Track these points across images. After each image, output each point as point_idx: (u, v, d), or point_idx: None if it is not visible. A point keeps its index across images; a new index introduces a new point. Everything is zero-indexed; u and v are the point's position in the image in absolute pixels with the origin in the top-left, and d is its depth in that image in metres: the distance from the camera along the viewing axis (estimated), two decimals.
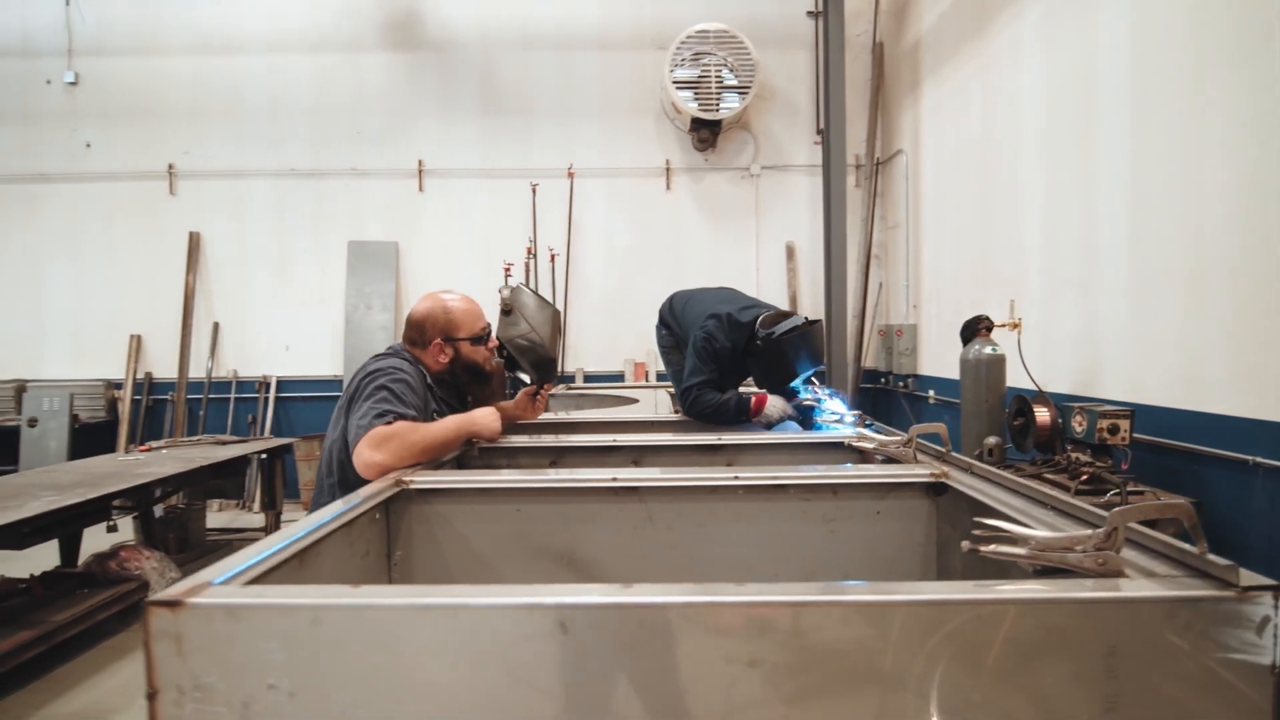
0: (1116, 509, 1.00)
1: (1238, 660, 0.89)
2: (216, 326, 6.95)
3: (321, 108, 6.92)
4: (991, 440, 3.83)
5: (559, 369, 2.51)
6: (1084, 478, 3.18)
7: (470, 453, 2.33)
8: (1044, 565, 1.04)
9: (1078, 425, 3.42)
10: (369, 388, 1.98)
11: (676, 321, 3.05)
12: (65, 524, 3.98)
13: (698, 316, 2.84)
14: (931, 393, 5.83)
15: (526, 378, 2.48)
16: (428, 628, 0.95)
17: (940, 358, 5.64)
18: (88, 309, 6.89)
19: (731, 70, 6.51)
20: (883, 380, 6.69)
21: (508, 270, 6.69)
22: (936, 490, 1.69)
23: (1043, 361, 4.29)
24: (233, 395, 6.92)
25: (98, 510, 4.14)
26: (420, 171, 6.93)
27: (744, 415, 2.66)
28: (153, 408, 6.91)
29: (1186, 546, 0.99)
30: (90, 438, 6.51)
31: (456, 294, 2.31)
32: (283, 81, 6.90)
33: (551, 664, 0.94)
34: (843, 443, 2.01)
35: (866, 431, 1.92)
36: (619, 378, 6.89)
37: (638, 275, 6.97)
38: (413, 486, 1.74)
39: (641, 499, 1.75)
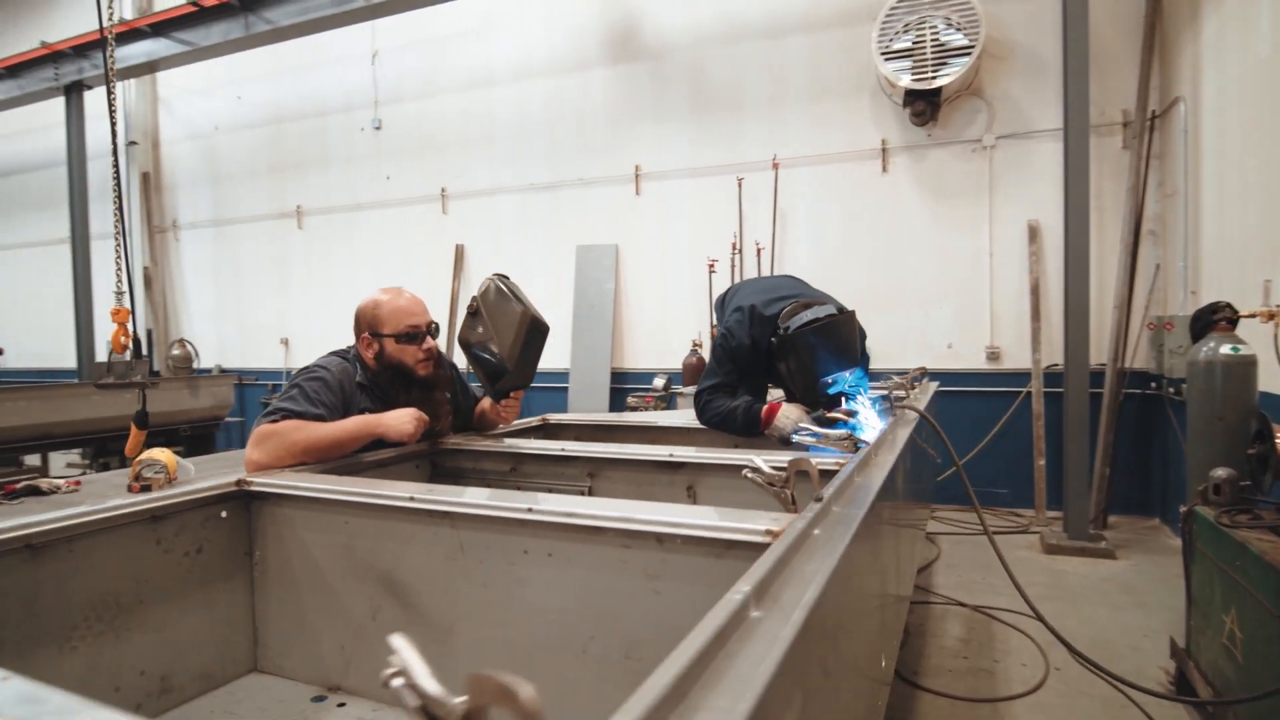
0: None
1: None
2: None
3: (555, 125, 7.23)
4: (1220, 474, 2.64)
5: (522, 378, 2.19)
6: None
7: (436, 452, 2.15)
8: None
9: None
10: (287, 385, 1.89)
11: (722, 315, 2.55)
12: None
13: (732, 311, 2.33)
14: None
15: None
16: None
17: None
18: None
19: (958, 28, 5.45)
20: (1153, 385, 5.14)
21: (711, 267, 6.40)
22: None
23: None
24: None
25: None
26: (637, 176, 6.91)
27: (754, 427, 2.10)
28: None
29: None
30: None
31: (404, 291, 2.14)
32: (525, 106, 7.34)
33: None
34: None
35: (758, 460, 1.34)
36: None
37: (848, 266, 6.21)
38: (252, 488, 1.61)
39: (453, 524, 1.42)
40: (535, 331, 2.16)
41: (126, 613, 1.42)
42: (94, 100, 8.27)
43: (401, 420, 1.89)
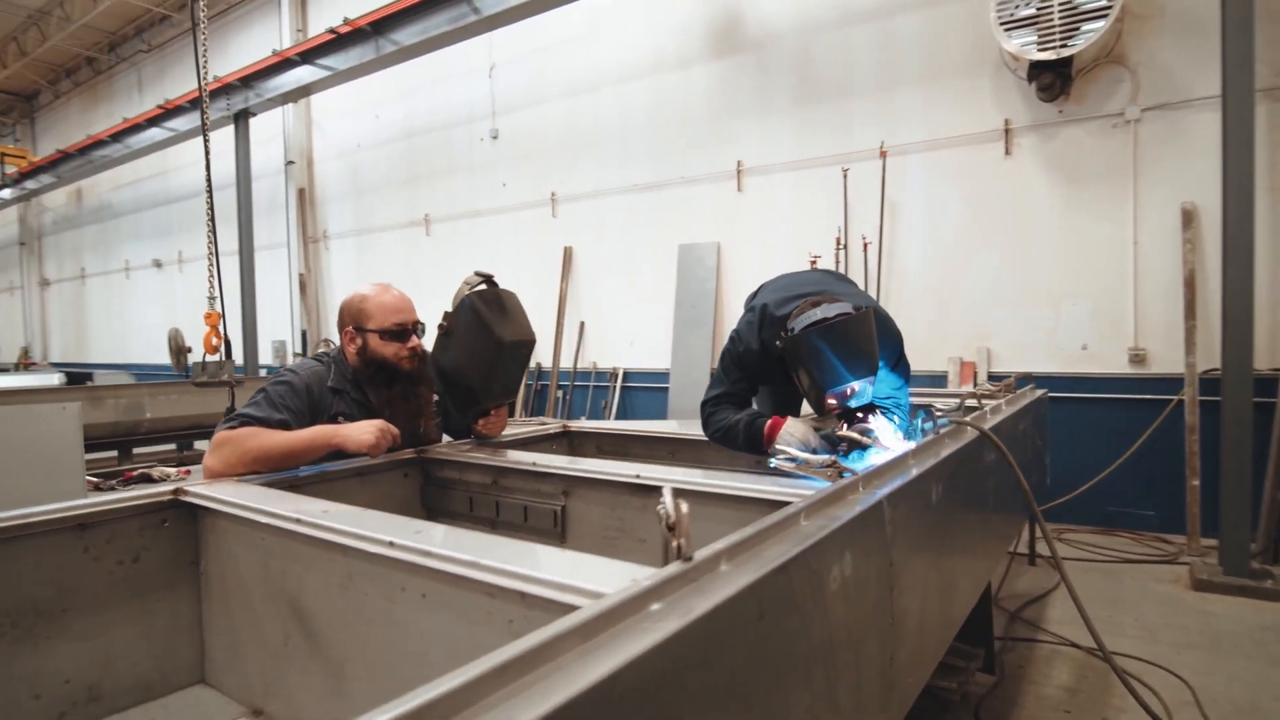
0: None
1: None
2: (582, 325, 7.61)
3: (658, 125, 7.04)
4: None
5: (499, 401, 1.99)
6: None
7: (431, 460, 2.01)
8: None
9: None
10: (256, 390, 1.82)
11: None
12: None
13: (745, 312, 2.01)
14: None
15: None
16: None
17: None
18: None
19: None
20: None
21: (814, 264, 5.96)
22: None
23: None
24: (592, 384, 7.51)
25: None
26: (739, 172, 6.58)
27: (757, 445, 1.78)
28: (540, 391, 7.89)
29: None
30: None
31: (392, 287, 2.01)
32: (628, 107, 7.21)
33: None
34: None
35: (666, 494, 1.05)
36: (941, 380, 5.59)
37: (966, 260, 5.56)
38: (186, 498, 1.53)
39: (345, 554, 1.25)
40: (516, 350, 1.96)
41: (46, 620, 1.38)
42: (258, 126, 9.05)
43: (362, 430, 1.76)
